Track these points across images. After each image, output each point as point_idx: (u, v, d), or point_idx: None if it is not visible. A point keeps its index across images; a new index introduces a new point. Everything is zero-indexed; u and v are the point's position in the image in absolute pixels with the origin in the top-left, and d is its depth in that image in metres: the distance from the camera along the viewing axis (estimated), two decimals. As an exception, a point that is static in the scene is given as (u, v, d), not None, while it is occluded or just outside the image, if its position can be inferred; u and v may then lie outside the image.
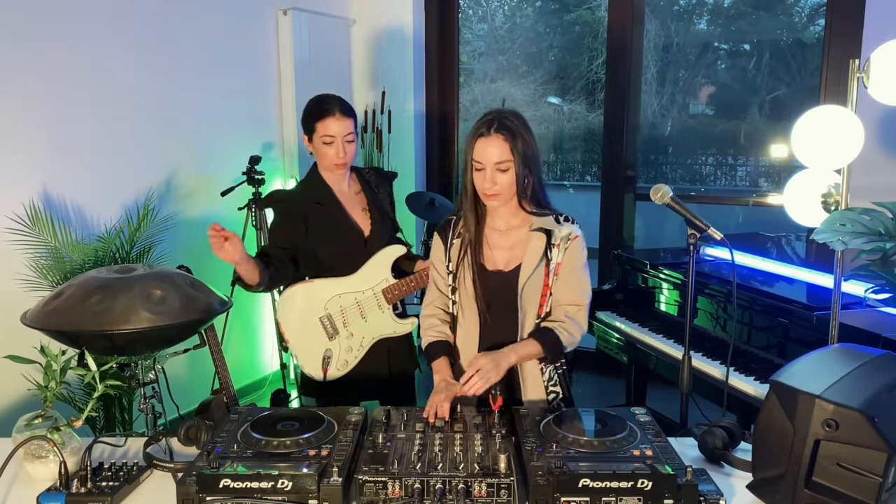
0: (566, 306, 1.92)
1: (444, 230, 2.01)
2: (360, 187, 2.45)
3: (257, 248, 3.76)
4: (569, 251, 1.91)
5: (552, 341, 1.88)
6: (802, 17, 6.82)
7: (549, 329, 1.90)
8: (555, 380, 1.97)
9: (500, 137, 1.81)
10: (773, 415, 1.42)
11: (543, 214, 1.92)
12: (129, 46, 3.39)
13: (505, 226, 1.95)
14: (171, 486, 1.47)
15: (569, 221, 1.93)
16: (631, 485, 1.37)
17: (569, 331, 1.90)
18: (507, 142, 1.81)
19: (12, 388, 2.72)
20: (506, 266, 1.94)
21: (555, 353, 1.92)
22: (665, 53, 6.78)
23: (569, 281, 1.92)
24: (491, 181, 1.82)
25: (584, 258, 1.95)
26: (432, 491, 1.39)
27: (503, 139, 1.81)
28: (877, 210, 2.03)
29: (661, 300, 3.33)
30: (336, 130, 2.26)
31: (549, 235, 1.90)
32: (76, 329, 1.73)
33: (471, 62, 7.10)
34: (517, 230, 1.94)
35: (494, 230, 1.96)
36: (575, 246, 1.91)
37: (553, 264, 1.90)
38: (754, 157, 7.34)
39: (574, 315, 1.92)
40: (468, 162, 1.87)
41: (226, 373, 2.35)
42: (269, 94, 4.29)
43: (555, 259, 1.90)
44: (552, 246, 1.90)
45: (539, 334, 1.90)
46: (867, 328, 2.33)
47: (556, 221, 1.92)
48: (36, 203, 2.97)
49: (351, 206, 2.40)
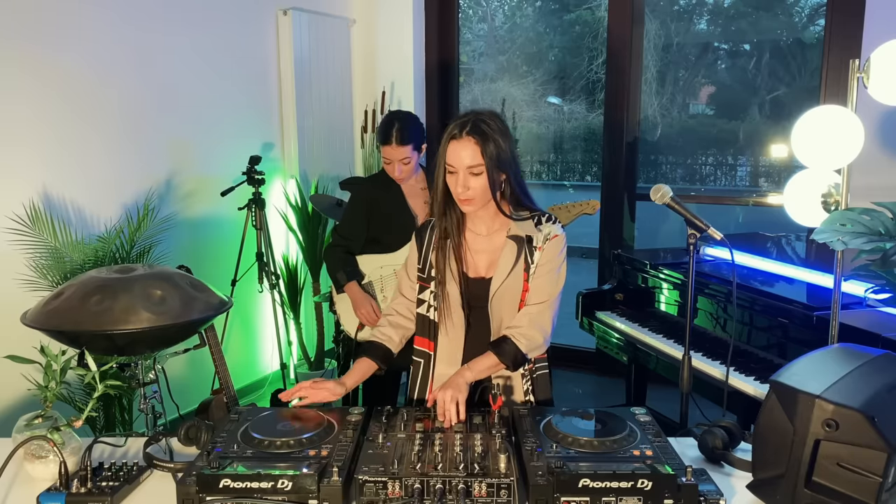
0: (531, 306, 1.87)
1: (421, 234, 1.95)
2: (426, 184, 2.79)
3: (257, 248, 3.77)
4: (546, 250, 1.86)
5: (509, 351, 1.83)
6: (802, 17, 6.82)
7: (504, 338, 1.84)
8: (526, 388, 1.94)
9: (471, 140, 1.75)
10: (773, 415, 1.42)
11: (522, 218, 1.87)
12: (129, 46, 3.39)
13: (486, 230, 1.90)
14: (171, 486, 1.47)
15: (550, 221, 1.88)
16: (631, 485, 1.37)
17: (528, 336, 1.83)
18: (478, 145, 1.75)
19: (12, 388, 2.72)
20: (487, 272, 1.90)
21: (515, 362, 1.84)
22: (665, 53, 6.79)
23: (542, 279, 1.87)
24: (464, 185, 1.77)
25: (561, 258, 1.89)
26: (432, 491, 1.39)
27: (474, 142, 1.75)
28: (877, 210, 2.03)
29: (661, 300, 3.33)
30: (392, 156, 2.70)
31: (530, 241, 1.86)
32: (76, 329, 1.73)
33: (471, 62, 7.10)
34: (499, 234, 1.89)
35: (476, 234, 1.91)
36: (554, 244, 1.86)
37: (533, 268, 1.86)
38: (754, 157, 7.35)
39: (538, 315, 1.85)
40: (440, 165, 1.81)
41: (226, 373, 2.35)
42: (269, 94, 4.29)
43: (535, 262, 1.86)
44: (534, 249, 1.86)
45: (494, 345, 1.85)
46: (867, 328, 2.33)
47: (535, 225, 1.87)
48: (36, 203, 2.97)
49: (412, 196, 2.80)
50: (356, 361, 1.94)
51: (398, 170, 2.72)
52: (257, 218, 3.76)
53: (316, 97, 4.48)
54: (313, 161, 4.50)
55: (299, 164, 4.39)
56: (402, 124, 2.69)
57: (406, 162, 2.70)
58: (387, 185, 2.79)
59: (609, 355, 3.52)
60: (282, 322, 4.04)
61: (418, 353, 1.98)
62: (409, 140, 2.68)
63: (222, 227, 3.92)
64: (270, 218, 4.03)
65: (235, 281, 3.74)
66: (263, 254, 3.80)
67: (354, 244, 2.87)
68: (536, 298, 1.87)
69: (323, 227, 4.28)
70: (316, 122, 4.50)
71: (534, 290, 1.87)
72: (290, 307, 4.25)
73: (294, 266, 4.36)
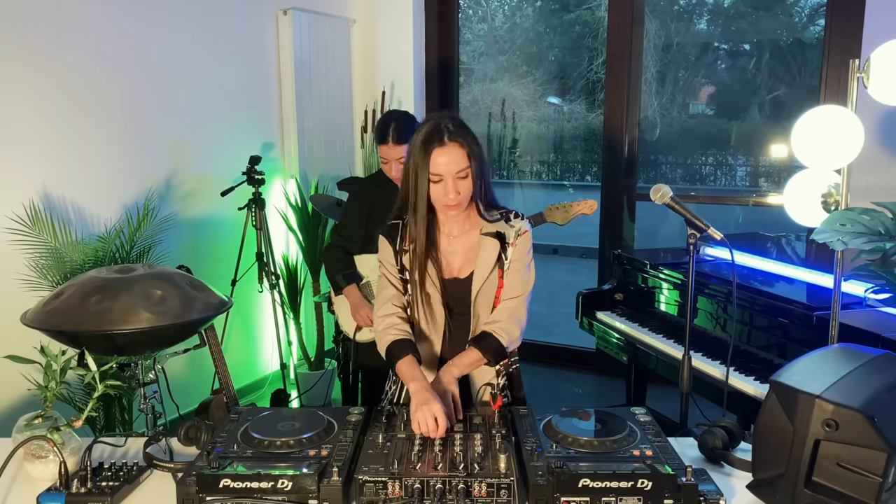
0: (508, 300, 1.88)
1: (392, 235, 1.92)
2: None
3: (257, 248, 3.77)
4: (518, 246, 1.86)
5: (492, 346, 1.83)
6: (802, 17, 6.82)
7: (487, 333, 1.85)
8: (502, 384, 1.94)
9: (456, 145, 1.74)
10: (773, 415, 1.42)
11: (493, 217, 1.87)
12: (129, 46, 3.39)
13: (458, 231, 1.90)
14: (171, 486, 1.47)
15: (518, 217, 1.89)
16: (631, 485, 1.37)
17: (507, 330, 1.84)
18: (464, 147, 1.75)
19: (12, 388, 2.72)
20: (460, 272, 1.90)
21: (497, 357, 1.85)
22: (665, 53, 6.79)
23: (516, 274, 1.87)
24: (454, 191, 1.75)
25: (531, 252, 1.90)
26: (432, 491, 1.39)
27: (459, 146, 1.74)
28: (877, 210, 2.03)
29: (661, 300, 3.33)
30: (389, 155, 2.69)
31: (502, 238, 1.86)
32: (76, 329, 1.73)
33: (471, 62, 7.10)
34: (469, 234, 1.89)
35: (447, 236, 1.90)
36: (524, 240, 1.87)
37: (507, 264, 1.87)
38: (754, 157, 7.36)
39: (515, 308, 1.87)
40: (417, 174, 1.76)
41: (226, 373, 2.36)
42: (269, 94, 4.29)
43: (509, 259, 1.87)
44: (506, 246, 1.86)
45: (477, 340, 1.85)
46: (867, 328, 2.33)
47: (506, 222, 1.87)
48: (36, 203, 2.97)
49: None
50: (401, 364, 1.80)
51: (395, 169, 2.71)
52: (257, 218, 3.76)
53: (316, 97, 4.48)
54: (313, 161, 4.50)
55: (299, 164, 4.39)
56: (399, 124, 2.70)
57: (403, 161, 2.69)
58: (384, 184, 2.78)
59: (609, 355, 3.52)
60: (282, 322, 4.04)
61: None
62: (406, 139, 2.66)
63: (222, 227, 3.92)
64: (270, 218, 4.03)
65: (235, 281, 3.74)
66: (263, 254, 3.80)
67: (353, 244, 2.88)
68: (512, 293, 1.88)
69: (323, 227, 4.28)
70: (316, 122, 4.50)
71: (509, 286, 1.88)
72: (290, 307, 4.25)
73: (294, 266, 4.36)
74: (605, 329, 3.46)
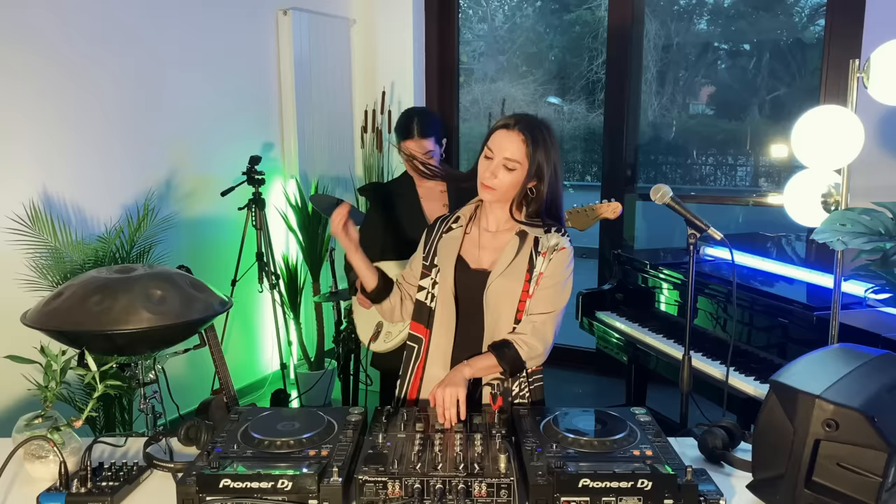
0: (535, 315, 1.85)
1: (433, 226, 1.99)
2: (445, 187, 2.65)
3: (257, 248, 3.77)
4: (553, 262, 1.84)
5: (510, 356, 1.81)
6: (802, 17, 6.83)
7: (507, 342, 1.82)
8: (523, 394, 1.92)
9: (519, 136, 1.77)
10: (773, 415, 1.42)
11: (535, 224, 1.86)
12: (128, 46, 3.39)
13: (495, 227, 1.91)
14: (171, 486, 1.47)
15: (559, 233, 1.87)
16: (631, 485, 1.37)
17: (529, 344, 1.81)
18: (526, 144, 1.76)
19: (12, 388, 2.72)
20: (489, 266, 1.90)
21: (513, 368, 1.81)
22: (665, 53, 6.79)
23: (547, 291, 1.85)
24: (492, 173, 1.78)
25: (568, 272, 1.87)
26: (432, 491, 1.39)
27: (522, 139, 1.76)
28: (877, 210, 2.03)
29: (661, 300, 3.33)
30: (415, 151, 2.55)
31: (536, 243, 1.85)
32: (76, 329, 1.73)
33: (471, 62, 7.11)
34: (505, 234, 1.90)
35: (484, 229, 1.92)
36: (561, 257, 1.85)
37: (536, 272, 1.84)
38: (754, 157, 7.35)
39: (541, 325, 1.83)
40: (481, 148, 1.83)
41: (226, 373, 2.35)
42: (269, 94, 4.29)
43: (538, 268, 1.84)
44: (538, 253, 1.85)
45: (496, 347, 1.83)
46: (867, 328, 2.33)
47: (545, 232, 1.86)
48: (36, 203, 2.97)
49: (430, 199, 2.65)
50: None
51: None
52: (257, 218, 3.77)
53: (316, 97, 4.48)
54: (313, 161, 4.50)
55: (299, 164, 4.39)
56: (422, 118, 2.61)
57: (429, 157, 2.59)
58: (404, 191, 2.68)
59: (609, 355, 3.52)
60: (282, 322, 4.05)
61: (412, 339, 1.98)
62: (430, 132, 2.58)
63: (222, 227, 3.92)
64: (270, 218, 4.03)
65: (235, 281, 3.74)
66: (263, 254, 3.80)
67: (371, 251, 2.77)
68: (541, 308, 1.85)
69: (323, 227, 4.28)
70: (316, 123, 4.50)
71: (538, 300, 1.85)
72: (290, 307, 4.25)
73: (294, 266, 4.36)
74: (606, 329, 3.46)
